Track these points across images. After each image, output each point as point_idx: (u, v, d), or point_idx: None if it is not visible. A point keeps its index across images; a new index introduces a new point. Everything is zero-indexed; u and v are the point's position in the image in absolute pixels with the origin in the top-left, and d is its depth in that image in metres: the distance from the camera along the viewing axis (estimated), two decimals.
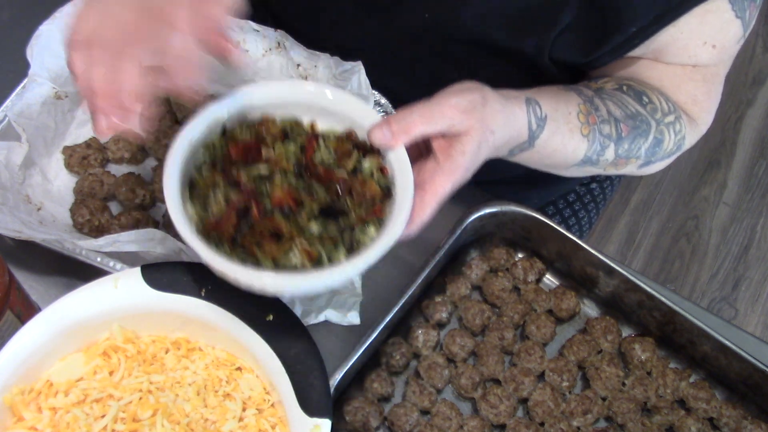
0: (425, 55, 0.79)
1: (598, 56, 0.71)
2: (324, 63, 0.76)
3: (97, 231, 0.74)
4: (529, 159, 0.67)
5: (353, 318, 0.69)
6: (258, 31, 0.77)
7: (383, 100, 0.79)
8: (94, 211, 0.74)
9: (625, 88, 0.72)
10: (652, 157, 0.73)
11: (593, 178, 1.03)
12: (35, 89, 0.75)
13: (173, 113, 0.81)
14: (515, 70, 0.76)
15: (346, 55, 0.76)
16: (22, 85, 0.76)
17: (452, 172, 0.56)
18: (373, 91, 0.77)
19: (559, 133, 0.66)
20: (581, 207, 1.02)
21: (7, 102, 0.75)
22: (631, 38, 0.69)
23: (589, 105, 0.68)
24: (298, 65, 0.78)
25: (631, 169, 0.74)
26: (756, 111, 2.05)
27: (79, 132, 0.80)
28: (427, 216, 0.57)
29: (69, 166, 0.77)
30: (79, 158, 0.77)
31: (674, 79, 0.74)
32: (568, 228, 1.00)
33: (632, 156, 0.71)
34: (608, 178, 1.04)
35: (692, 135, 0.76)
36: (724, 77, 0.76)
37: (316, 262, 0.52)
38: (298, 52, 0.77)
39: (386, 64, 0.80)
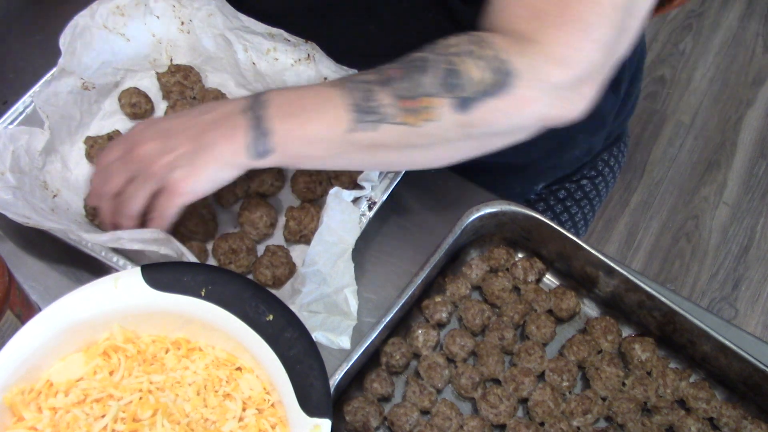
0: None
1: None
2: None
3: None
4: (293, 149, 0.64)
5: (343, 343, 0.67)
6: (289, 41, 0.78)
7: None
8: None
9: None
10: (460, 91, 0.60)
11: (583, 175, 1.03)
12: (63, 78, 0.76)
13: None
14: (428, 15, 0.75)
15: (272, 21, 0.78)
16: (51, 73, 0.77)
17: None
18: None
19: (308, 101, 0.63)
20: (573, 203, 1.02)
21: (36, 88, 0.77)
22: None
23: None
24: (325, 78, 0.78)
25: (448, 113, 0.60)
26: (756, 111, 2.05)
27: (104, 123, 0.81)
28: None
29: (89, 156, 0.78)
30: (99, 149, 0.78)
31: None
32: (561, 225, 1.00)
33: (422, 93, 0.60)
34: (600, 174, 1.03)
35: (530, 57, 0.59)
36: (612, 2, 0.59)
37: None
38: (327, 65, 0.78)
39: (313, 26, 0.80)
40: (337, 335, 0.67)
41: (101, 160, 0.69)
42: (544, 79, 0.59)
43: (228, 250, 0.72)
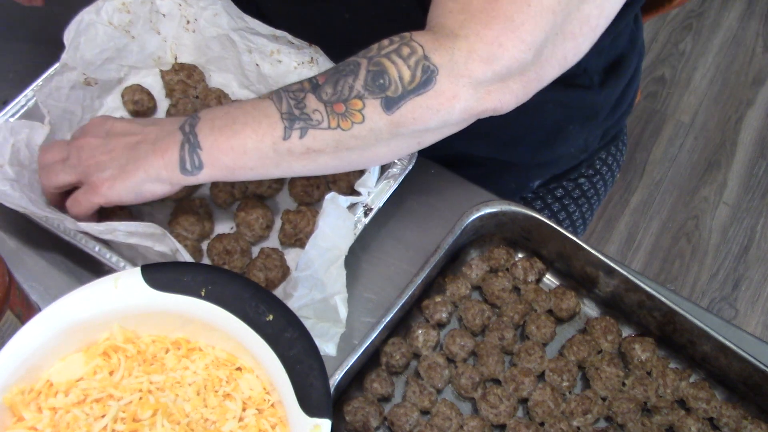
0: None
1: None
2: None
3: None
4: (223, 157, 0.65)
5: (329, 350, 0.67)
6: (293, 43, 0.78)
7: None
8: None
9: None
10: (385, 91, 0.61)
11: (581, 173, 1.03)
12: (65, 74, 0.77)
13: (197, 112, 0.82)
14: (401, 3, 0.75)
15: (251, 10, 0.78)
16: (53, 68, 0.77)
17: None
18: None
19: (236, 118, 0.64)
20: (571, 202, 1.02)
21: (38, 82, 0.77)
22: None
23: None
24: None
25: (375, 114, 0.61)
26: (756, 111, 2.05)
27: None
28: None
29: None
30: None
31: None
32: (559, 223, 1.00)
33: (350, 96, 0.61)
34: (597, 172, 1.03)
35: (452, 51, 0.60)
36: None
37: None
38: None
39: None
40: (325, 342, 0.67)
41: (57, 139, 0.73)
42: (465, 74, 0.59)
43: (222, 251, 0.72)
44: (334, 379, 0.64)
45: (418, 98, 0.60)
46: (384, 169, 0.76)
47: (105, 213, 0.73)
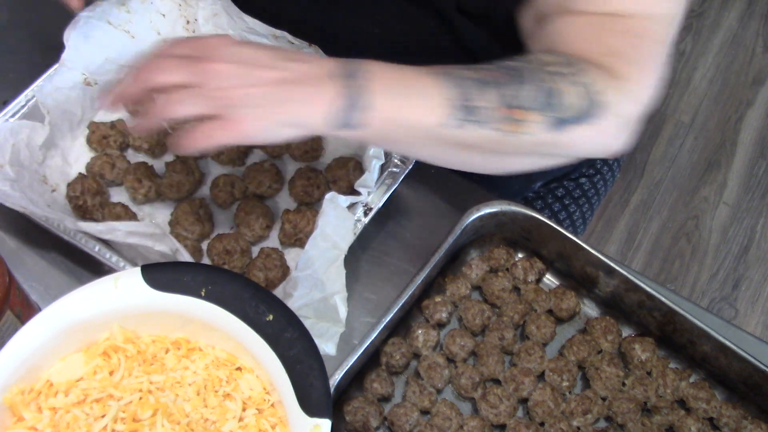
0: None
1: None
2: None
3: (81, 210, 0.74)
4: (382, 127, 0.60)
5: (329, 349, 0.67)
6: (293, 43, 0.78)
7: None
8: (85, 191, 0.74)
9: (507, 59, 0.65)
10: (557, 111, 0.61)
11: (581, 173, 1.03)
12: (65, 74, 0.77)
13: None
14: (430, 23, 0.74)
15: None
16: (53, 68, 0.77)
17: None
18: None
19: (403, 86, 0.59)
20: (572, 201, 1.02)
21: (38, 82, 0.77)
22: None
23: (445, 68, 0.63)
24: None
25: (542, 130, 0.62)
26: (756, 111, 2.05)
27: (105, 119, 0.82)
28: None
29: (90, 141, 0.79)
30: (100, 136, 0.78)
31: (587, 29, 0.65)
32: (559, 223, 1.00)
33: (514, 104, 0.60)
34: (598, 172, 1.03)
35: (618, 91, 0.63)
36: (668, 42, 0.65)
37: None
38: None
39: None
40: (324, 341, 0.67)
41: (162, 50, 0.61)
42: (623, 115, 0.62)
43: (222, 251, 0.72)
44: (334, 379, 0.64)
45: (582, 126, 0.61)
46: (384, 168, 0.77)
47: (105, 213, 0.73)
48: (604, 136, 0.63)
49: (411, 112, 0.59)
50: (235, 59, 0.58)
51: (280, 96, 0.57)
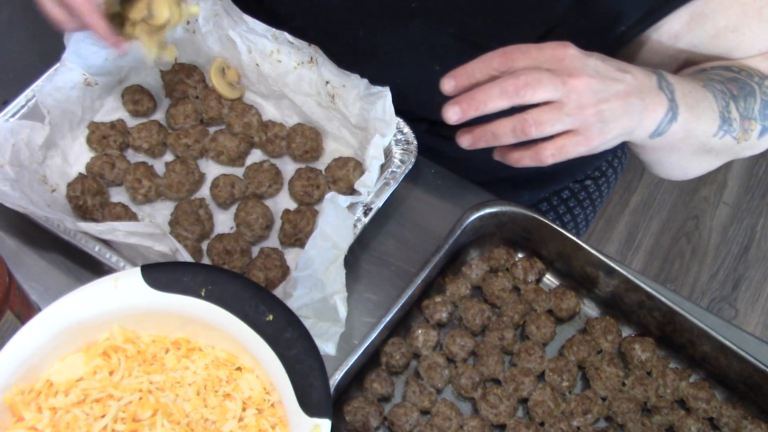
0: (408, 44, 0.79)
1: None
2: (352, 84, 0.77)
3: (81, 210, 0.74)
4: (674, 135, 0.64)
5: (329, 349, 0.67)
6: (293, 43, 0.78)
7: (406, 129, 0.79)
8: (85, 191, 0.74)
9: (707, 67, 0.71)
10: (766, 121, 0.70)
11: (587, 175, 1.03)
12: (66, 74, 0.77)
13: (198, 112, 0.82)
14: None
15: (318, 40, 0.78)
16: (54, 68, 0.77)
17: None
18: (397, 119, 0.77)
19: (691, 97, 0.65)
20: (576, 204, 1.02)
21: (38, 82, 0.77)
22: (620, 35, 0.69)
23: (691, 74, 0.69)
24: (327, 82, 0.78)
25: (755, 137, 0.70)
26: None
27: (105, 120, 0.82)
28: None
29: (90, 141, 0.79)
30: (100, 136, 0.79)
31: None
32: (564, 225, 1.00)
33: (750, 116, 0.68)
34: (603, 174, 1.04)
35: None
36: None
37: None
38: (329, 69, 0.78)
39: (364, 51, 0.80)
40: (324, 341, 0.67)
41: (520, 47, 0.60)
42: None
43: (222, 251, 0.72)
44: (334, 379, 0.64)
45: None
46: (384, 168, 0.77)
47: (105, 213, 0.73)
48: None
49: (699, 123, 0.64)
50: (589, 72, 0.60)
51: (622, 109, 0.60)
